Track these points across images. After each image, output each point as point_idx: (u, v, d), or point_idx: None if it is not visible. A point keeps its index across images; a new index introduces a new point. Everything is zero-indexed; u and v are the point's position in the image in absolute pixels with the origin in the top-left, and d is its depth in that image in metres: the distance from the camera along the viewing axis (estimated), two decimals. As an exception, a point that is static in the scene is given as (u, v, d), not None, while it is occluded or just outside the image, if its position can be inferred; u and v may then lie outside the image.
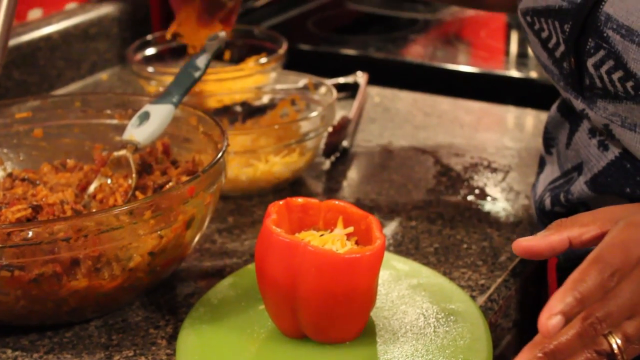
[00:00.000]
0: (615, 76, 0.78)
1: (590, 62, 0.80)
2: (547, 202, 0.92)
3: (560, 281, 0.97)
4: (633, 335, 0.66)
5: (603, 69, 0.79)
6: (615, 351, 0.65)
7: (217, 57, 1.17)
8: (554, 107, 0.97)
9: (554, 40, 0.85)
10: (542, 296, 1.03)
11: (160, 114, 0.95)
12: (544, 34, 0.86)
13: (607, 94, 0.81)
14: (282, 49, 1.33)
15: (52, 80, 1.43)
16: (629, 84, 0.77)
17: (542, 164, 1.00)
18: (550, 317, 0.62)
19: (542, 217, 0.94)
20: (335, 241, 0.79)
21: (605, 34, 0.78)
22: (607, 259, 0.66)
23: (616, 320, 0.65)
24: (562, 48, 0.84)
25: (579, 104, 0.85)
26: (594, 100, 0.83)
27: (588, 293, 0.64)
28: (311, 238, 0.78)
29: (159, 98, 0.97)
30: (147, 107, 0.96)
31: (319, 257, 0.75)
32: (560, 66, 0.86)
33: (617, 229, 0.69)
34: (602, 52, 0.79)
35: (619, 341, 0.65)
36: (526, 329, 1.04)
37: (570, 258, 0.89)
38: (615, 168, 0.84)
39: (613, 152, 0.85)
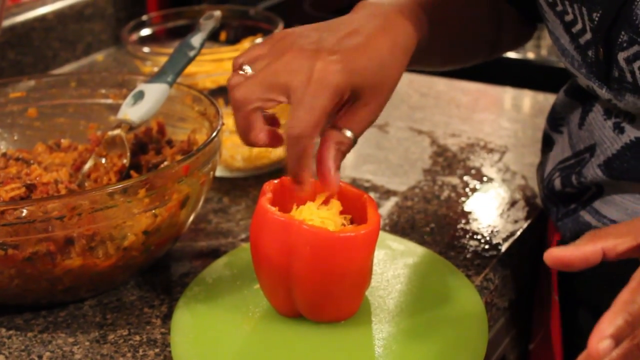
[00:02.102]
0: None
1: (621, 56, 0.77)
2: (557, 182, 0.91)
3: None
4: None
5: (636, 65, 0.76)
6: None
7: (213, 37, 1.16)
8: (561, 91, 0.95)
9: (579, 26, 0.81)
10: (538, 275, 1.03)
11: (154, 93, 0.95)
12: (568, 17, 0.82)
13: (637, 89, 0.78)
14: (278, 30, 1.32)
15: (47, 61, 1.42)
16: None
17: (549, 143, 0.98)
18: (600, 340, 0.60)
19: (550, 196, 0.93)
20: (331, 215, 0.78)
21: None
22: None
23: None
24: (588, 36, 0.80)
25: (604, 94, 0.82)
26: (622, 93, 0.80)
27: (638, 314, 0.61)
28: (307, 213, 0.78)
29: (154, 77, 0.96)
30: (142, 86, 0.96)
31: (313, 236, 0.75)
32: (583, 53, 0.82)
33: None
34: (636, 47, 0.75)
35: None
36: (521, 309, 1.04)
37: (577, 237, 0.88)
38: (631, 153, 0.82)
39: (629, 136, 0.82)
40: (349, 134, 0.76)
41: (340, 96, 0.74)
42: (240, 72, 0.76)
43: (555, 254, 0.68)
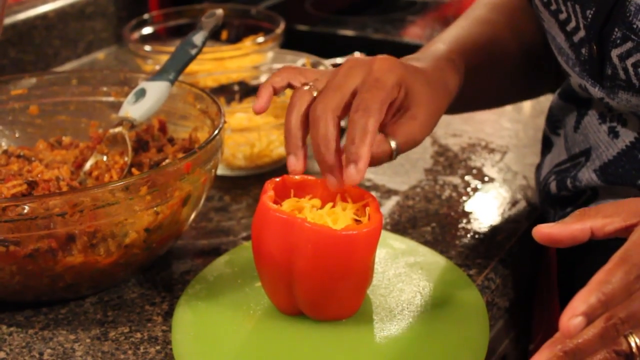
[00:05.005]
0: None
1: (614, 53, 0.77)
2: (553, 185, 0.91)
3: (559, 254, 0.97)
4: None
5: (629, 62, 0.76)
6: (634, 351, 0.63)
7: (214, 36, 1.16)
8: (556, 94, 0.95)
9: (573, 24, 0.81)
10: (538, 276, 1.03)
11: (156, 91, 0.95)
12: (562, 16, 0.82)
13: (631, 86, 0.78)
14: (280, 29, 1.33)
15: (48, 59, 1.42)
16: None
17: (548, 144, 0.98)
18: (572, 317, 0.60)
19: (547, 199, 0.93)
20: (336, 212, 0.78)
21: (635, 26, 0.75)
22: (634, 260, 0.63)
23: (638, 321, 0.63)
24: (582, 33, 0.81)
25: (596, 92, 0.82)
26: (614, 91, 0.80)
27: (612, 294, 0.61)
28: (308, 214, 0.78)
29: (155, 75, 0.96)
30: (143, 84, 0.96)
31: (315, 234, 0.75)
32: (577, 51, 0.82)
33: None
34: (629, 44, 0.76)
35: (638, 341, 0.64)
36: (522, 310, 1.04)
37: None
38: (626, 158, 0.82)
39: (624, 141, 0.83)
40: (393, 144, 0.79)
41: (397, 86, 0.78)
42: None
43: (544, 231, 0.69)
